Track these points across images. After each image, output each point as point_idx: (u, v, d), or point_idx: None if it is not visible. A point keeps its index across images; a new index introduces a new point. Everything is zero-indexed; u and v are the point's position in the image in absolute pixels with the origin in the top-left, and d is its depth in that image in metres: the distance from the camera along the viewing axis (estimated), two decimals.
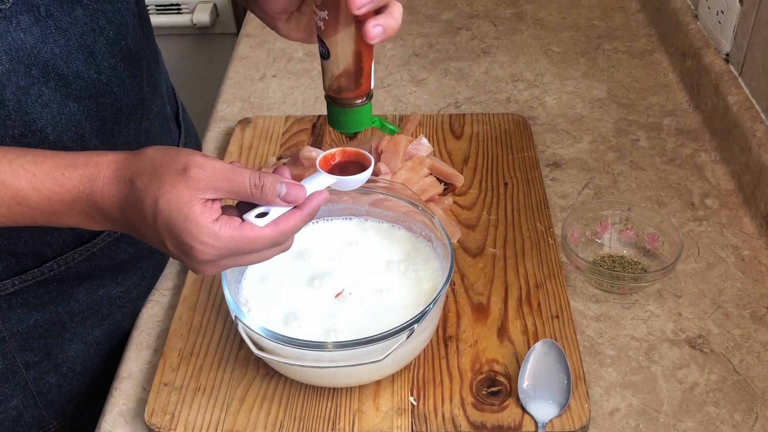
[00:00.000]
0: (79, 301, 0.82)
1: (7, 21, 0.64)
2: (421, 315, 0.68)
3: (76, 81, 0.70)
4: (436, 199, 0.94)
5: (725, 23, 1.05)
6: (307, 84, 1.20)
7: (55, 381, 0.84)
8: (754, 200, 0.93)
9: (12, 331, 0.78)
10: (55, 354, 0.82)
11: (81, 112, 0.72)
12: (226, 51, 1.40)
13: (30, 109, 0.68)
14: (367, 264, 0.80)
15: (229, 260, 0.63)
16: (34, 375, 0.82)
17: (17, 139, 0.69)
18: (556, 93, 1.17)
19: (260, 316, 0.74)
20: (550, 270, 0.85)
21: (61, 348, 0.83)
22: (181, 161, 0.60)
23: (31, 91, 0.67)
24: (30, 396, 0.83)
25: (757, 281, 0.87)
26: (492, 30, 1.32)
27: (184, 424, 0.72)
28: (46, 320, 0.80)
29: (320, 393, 0.74)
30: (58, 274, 0.79)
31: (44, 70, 0.68)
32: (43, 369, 0.82)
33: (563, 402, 0.72)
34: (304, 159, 0.95)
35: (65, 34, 0.68)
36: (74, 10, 0.68)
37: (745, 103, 0.98)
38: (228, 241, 0.60)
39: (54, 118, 0.70)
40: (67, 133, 0.72)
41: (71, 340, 0.83)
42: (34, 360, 0.81)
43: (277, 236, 0.62)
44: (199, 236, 0.59)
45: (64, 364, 0.84)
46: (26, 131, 0.69)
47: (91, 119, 0.73)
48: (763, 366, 0.78)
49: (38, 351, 0.81)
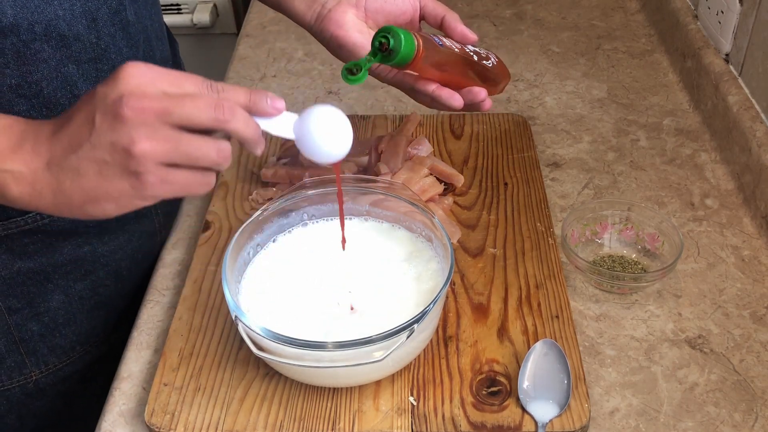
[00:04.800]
0: (63, 254, 0.84)
1: None
2: (421, 315, 0.68)
3: (76, 43, 0.74)
4: (436, 199, 0.94)
5: (725, 23, 1.05)
6: (307, 84, 1.20)
7: (37, 329, 0.86)
8: (754, 200, 0.93)
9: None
10: (37, 303, 0.84)
11: (79, 75, 0.76)
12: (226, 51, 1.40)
13: (28, 61, 0.71)
14: (367, 264, 0.80)
15: (160, 99, 0.55)
16: (16, 321, 0.84)
17: (14, 89, 0.72)
18: (556, 93, 1.17)
19: (260, 316, 0.74)
20: (550, 270, 0.86)
21: (43, 297, 0.85)
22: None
23: (31, 46, 0.71)
24: (12, 341, 0.85)
25: (757, 281, 0.87)
26: (492, 30, 1.32)
27: (184, 424, 0.72)
28: (29, 269, 0.82)
29: (320, 393, 0.74)
30: (42, 225, 0.80)
31: (46, 28, 0.71)
32: (25, 316, 0.84)
33: (563, 402, 0.72)
34: (304, 159, 0.95)
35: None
36: None
37: (745, 103, 0.98)
38: (160, 70, 0.56)
39: (51, 74, 0.73)
40: (62, 91, 0.75)
41: (54, 290, 0.85)
42: (17, 306, 0.83)
43: (209, 85, 0.57)
44: (135, 66, 0.55)
45: (46, 313, 0.86)
46: (22, 82, 0.72)
47: (88, 83, 0.77)
48: (763, 366, 0.78)
49: (21, 298, 0.83)
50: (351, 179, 0.84)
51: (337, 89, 1.19)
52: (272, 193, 0.95)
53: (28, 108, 0.74)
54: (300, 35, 1.32)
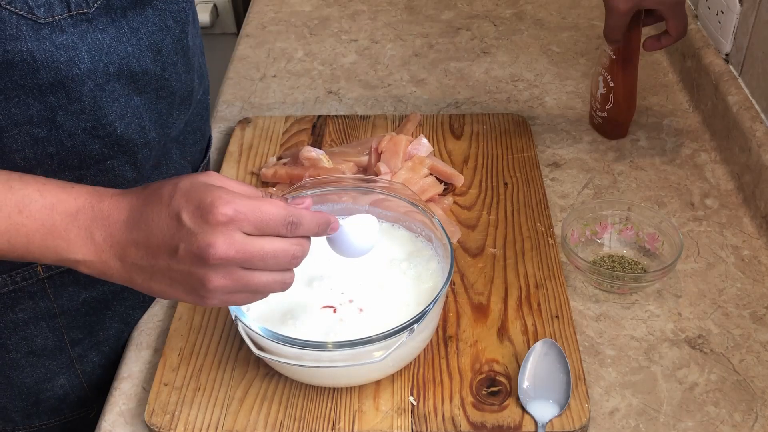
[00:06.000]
0: None
1: (88, 23, 0.67)
2: (421, 315, 0.68)
3: (144, 77, 0.73)
4: (436, 199, 0.94)
5: (725, 23, 1.05)
6: (307, 84, 1.20)
7: (97, 360, 0.86)
8: (753, 200, 0.93)
9: (63, 308, 0.80)
10: (96, 332, 0.84)
11: (142, 105, 0.75)
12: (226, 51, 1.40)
13: (103, 104, 0.71)
14: (367, 264, 0.80)
15: (243, 245, 0.59)
16: (78, 352, 0.84)
17: (88, 131, 0.71)
18: (556, 93, 1.17)
19: (260, 316, 0.74)
20: (550, 270, 0.86)
21: (102, 326, 0.85)
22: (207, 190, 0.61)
23: (105, 87, 0.70)
24: (75, 375, 0.85)
25: (757, 281, 0.87)
26: (492, 30, 1.32)
27: (184, 424, 0.72)
28: (93, 298, 0.82)
29: (320, 393, 0.74)
30: None
31: (119, 68, 0.70)
32: (86, 346, 0.84)
33: (563, 402, 0.72)
34: (304, 159, 0.95)
35: (137, 33, 0.71)
36: (145, 11, 0.71)
37: (745, 103, 0.98)
38: (244, 203, 0.59)
39: (122, 111, 0.73)
40: (132, 126, 0.74)
41: (112, 318, 0.85)
42: (79, 337, 0.83)
43: (288, 213, 0.60)
44: (220, 192, 0.58)
45: (105, 342, 0.86)
46: (97, 125, 0.71)
47: (150, 111, 0.76)
48: (763, 366, 0.78)
49: (83, 328, 0.83)
50: (351, 179, 0.84)
51: (337, 89, 1.19)
52: (272, 193, 0.95)
53: (101, 147, 0.73)
54: (300, 35, 1.32)
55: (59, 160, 0.71)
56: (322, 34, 1.33)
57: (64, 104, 0.68)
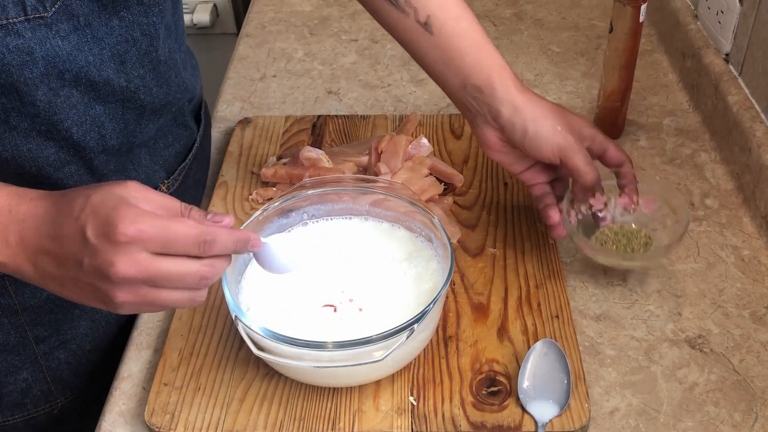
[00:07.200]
0: None
1: (47, 28, 0.66)
2: (421, 315, 0.68)
3: (105, 87, 0.73)
4: (436, 199, 0.94)
5: (725, 23, 1.05)
6: (307, 84, 1.20)
7: (64, 357, 0.86)
8: (753, 200, 0.93)
9: (24, 305, 0.80)
10: (64, 330, 0.84)
11: (105, 114, 0.74)
12: (226, 51, 1.40)
13: (58, 109, 0.70)
14: (367, 264, 0.80)
15: (146, 265, 0.59)
16: (44, 349, 0.84)
17: (43, 134, 0.71)
18: (556, 93, 1.17)
19: (260, 316, 0.74)
20: (550, 270, 0.86)
21: (70, 324, 0.85)
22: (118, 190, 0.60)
23: (60, 93, 0.70)
24: (39, 370, 0.85)
25: (757, 281, 0.87)
26: (492, 30, 1.32)
27: (184, 424, 0.72)
28: (57, 297, 0.81)
29: (320, 393, 0.74)
30: None
31: (76, 76, 0.70)
32: (52, 344, 0.84)
33: (563, 402, 0.72)
34: (304, 159, 0.95)
35: (100, 43, 0.70)
36: (111, 21, 0.71)
37: (745, 103, 0.98)
38: (150, 223, 0.58)
39: (80, 118, 0.72)
40: (90, 133, 0.74)
41: (80, 317, 0.85)
42: (44, 334, 0.83)
43: (200, 233, 0.60)
44: (128, 210, 0.58)
45: (73, 340, 0.86)
46: (52, 129, 0.71)
47: (115, 120, 0.76)
48: (763, 366, 0.78)
49: (48, 326, 0.83)
50: (351, 179, 0.84)
51: (336, 89, 1.19)
52: (272, 193, 0.95)
53: (56, 150, 0.73)
54: (300, 35, 1.32)
55: (16, 165, 0.72)
56: (322, 34, 1.33)
57: (17, 106, 0.68)
